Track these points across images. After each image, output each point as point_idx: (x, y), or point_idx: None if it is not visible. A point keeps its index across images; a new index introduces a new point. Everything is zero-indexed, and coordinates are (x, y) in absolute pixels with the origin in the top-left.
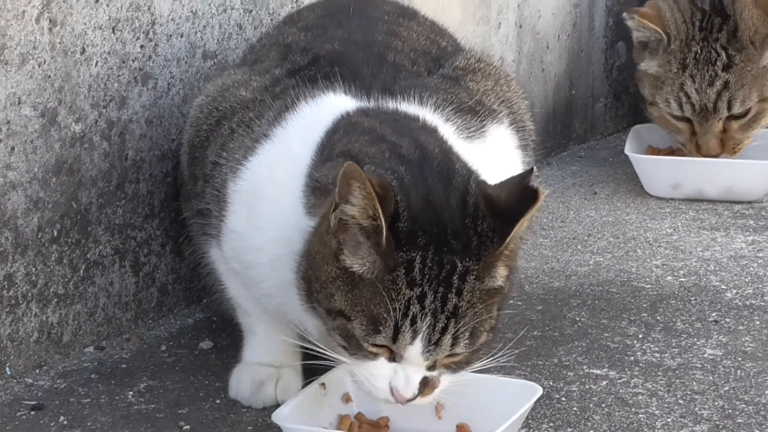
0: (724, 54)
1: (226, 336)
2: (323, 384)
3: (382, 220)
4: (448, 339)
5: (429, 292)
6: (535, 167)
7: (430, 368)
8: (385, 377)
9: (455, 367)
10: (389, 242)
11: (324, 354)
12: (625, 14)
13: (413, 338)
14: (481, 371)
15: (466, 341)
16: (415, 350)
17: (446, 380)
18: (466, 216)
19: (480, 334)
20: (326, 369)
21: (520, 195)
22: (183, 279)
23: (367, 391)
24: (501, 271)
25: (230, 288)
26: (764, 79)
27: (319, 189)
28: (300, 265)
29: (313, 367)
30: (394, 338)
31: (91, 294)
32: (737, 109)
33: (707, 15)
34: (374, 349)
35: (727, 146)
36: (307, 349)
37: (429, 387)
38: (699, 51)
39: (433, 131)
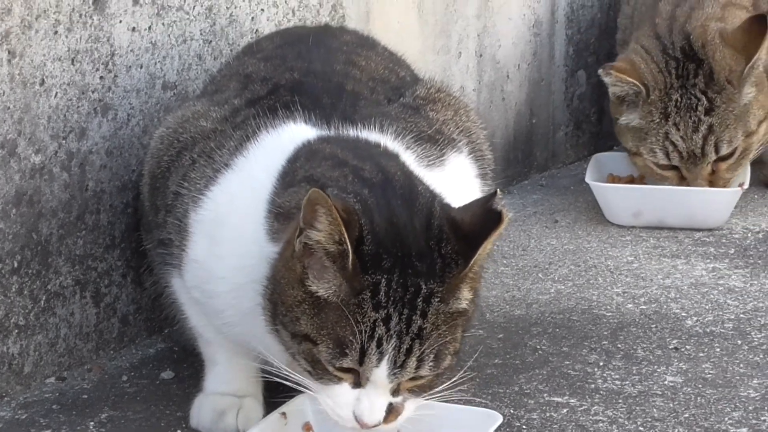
0: (704, 98)
1: (188, 366)
2: (284, 413)
3: (348, 244)
4: (413, 361)
5: (394, 315)
6: (498, 190)
7: (394, 393)
8: (348, 404)
9: (418, 391)
10: (355, 266)
11: (288, 379)
12: (600, 71)
13: (379, 360)
14: (441, 400)
15: (431, 363)
16: (381, 372)
17: (410, 407)
18: (430, 238)
19: (444, 357)
20: (287, 399)
21: (484, 217)
22: (144, 309)
23: (332, 419)
24: (465, 294)
25: (192, 317)
26: (747, 116)
27: (282, 214)
28: (266, 289)
29: (274, 397)
30: (361, 360)
31: (52, 325)
32: (725, 151)
33: (681, 62)
34: (339, 374)
35: (716, 186)
36: (268, 378)
37: (393, 413)
38: (679, 98)
39: (394, 156)
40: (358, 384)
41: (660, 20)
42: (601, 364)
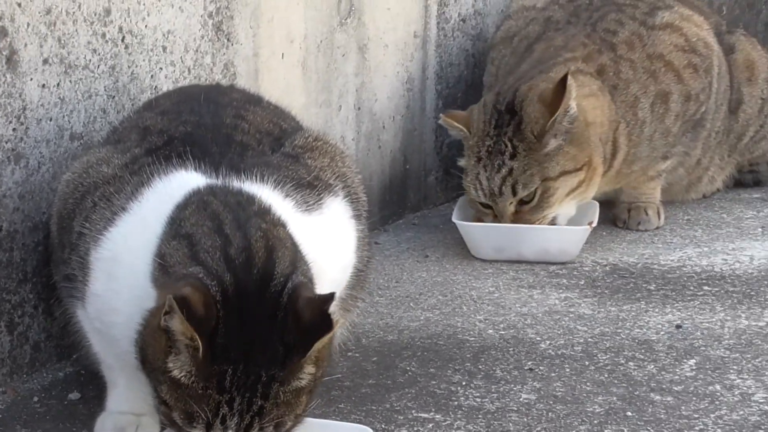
0: (510, 145)
1: (93, 388)
2: None
3: (200, 342)
4: None
5: (237, 397)
6: (335, 293)
7: None
8: None
9: None
10: (206, 356)
11: None
12: (440, 114)
13: None
14: (318, 416)
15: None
16: None
17: None
18: (274, 329)
19: (285, 423)
20: None
21: (319, 320)
22: (54, 337)
23: None
24: (308, 371)
25: (95, 344)
26: (547, 164)
27: (163, 267)
28: (137, 339)
29: None
30: (207, 431)
31: None
32: (520, 194)
33: (502, 114)
34: None
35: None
36: None
37: None
38: (492, 144)
39: (265, 215)
40: None
41: (511, 79)
42: (464, 383)
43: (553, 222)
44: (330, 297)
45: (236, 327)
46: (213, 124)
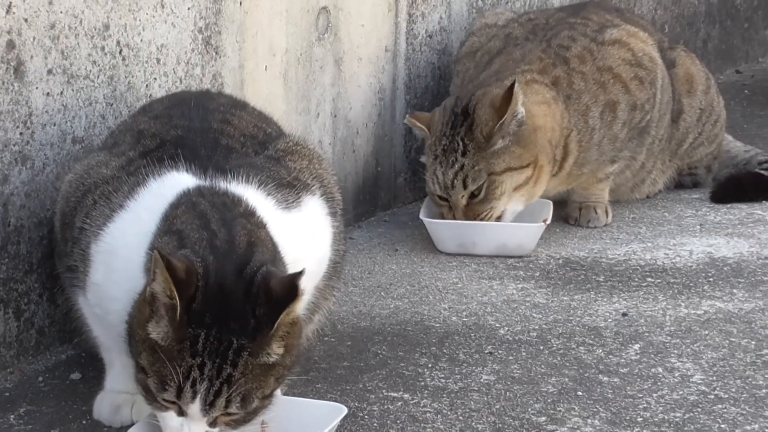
0: (462, 143)
1: (92, 369)
2: None
3: (177, 300)
4: (222, 401)
5: (208, 362)
6: (305, 269)
7: (211, 424)
8: (174, 428)
9: (234, 425)
10: (182, 318)
11: None
12: (407, 116)
13: (193, 398)
14: (296, 395)
15: (238, 404)
16: (195, 408)
17: None
18: (247, 303)
19: (252, 399)
20: None
21: (286, 291)
22: (57, 322)
23: None
24: (275, 349)
25: (94, 329)
26: (494, 160)
27: None
28: (128, 321)
29: None
30: (178, 396)
31: None
32: (471, 186)
33: (458, 116)
34: (165, 404)
35: (471, 217)
36: None
37: None
38: (447, 143)
39: (250, 216)
40: (181, 414)
41: (471, 86)
42: (430, 365)
43: (500, 218)
44: (300, 273)
45: (212, 297)
46: (202, 128)
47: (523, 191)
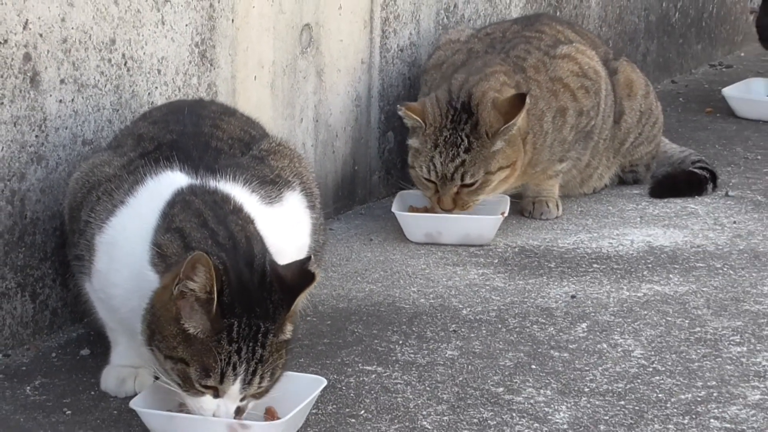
0: (466, 140)
1: (100, 345)
2: None
3: (215, 294)
4: (257, 379)
5: (244, 347)
6: (312, 256)
7: (242, 400)
8: (210, 410)
9: (259, 396)
10: (217, 311)
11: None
12: (398, 105)
13: (234, 380)
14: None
15: (268, 378)
16: (235, 388)
17: (251, 406)
18: (264, 290)
19: (276, 372)
20: None
21: (301, 276)
22: (69, 304)
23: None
24: (288, 327)
25: (99, 311)
26: (491, 160)
27: (161, 255)
28: (145, 318)
29: None
30: (221, 381)
31: (0, 317)
32: (467, 180)
33: (458, 111)
34: (203, 389)
35: (458, 205)
36: None
37: (240, 413)
38: (448, 135)
39: (239, 212)
40: (217, 395)
41: (455, 82)
42: (401, 342)
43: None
44: (308, 258)
45: (236, 289)
46: (194, 133)
47: (501, 186)
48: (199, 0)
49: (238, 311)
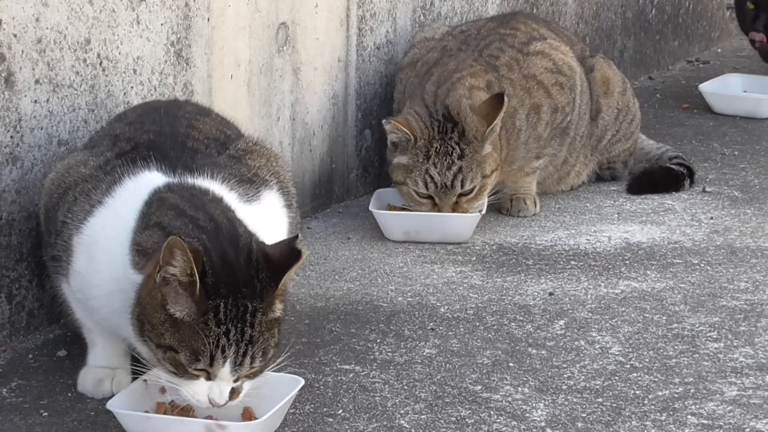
0: (457, 147)
1: (77, 346)
2: (145, 380)
3: (197, 276)
4: (248, 360)
5: (232, 328)
6: (300, 234)
7: (235, 381)
8: (204, 393)
9: (253, 376)
10: (201, 293)
11: (148, 364)
12: (384, 121)
13: (224, 362)
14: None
15: (260, 359)
16: (225, 370)
17: (247, 387)
18: (251, 269)
19: (268, 351)
20: (148, 370)
21: (288, 254)
22: (45, 305)
23: (190, 402)
24: (278, 305)
25: (77, 312)
26: (485, 164)
27: (142, 251)
28: (133, 311)
29: (138, 368)
30: (211, 363)
31: None
32: (467, 186)
33: (441, 122)
34: (196, 372)
35: (458, 212)
36: (135, 355)
37: (235, 394)
38: (439, 146)
39: (219, 201)
40: (209, 378)
41: (427, 96)
42: (378, 341)
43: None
44: (296, 237)
45: (220, 269)
46: (170, 133)
47: (491, 188)
48: None
49: (223, 292)
